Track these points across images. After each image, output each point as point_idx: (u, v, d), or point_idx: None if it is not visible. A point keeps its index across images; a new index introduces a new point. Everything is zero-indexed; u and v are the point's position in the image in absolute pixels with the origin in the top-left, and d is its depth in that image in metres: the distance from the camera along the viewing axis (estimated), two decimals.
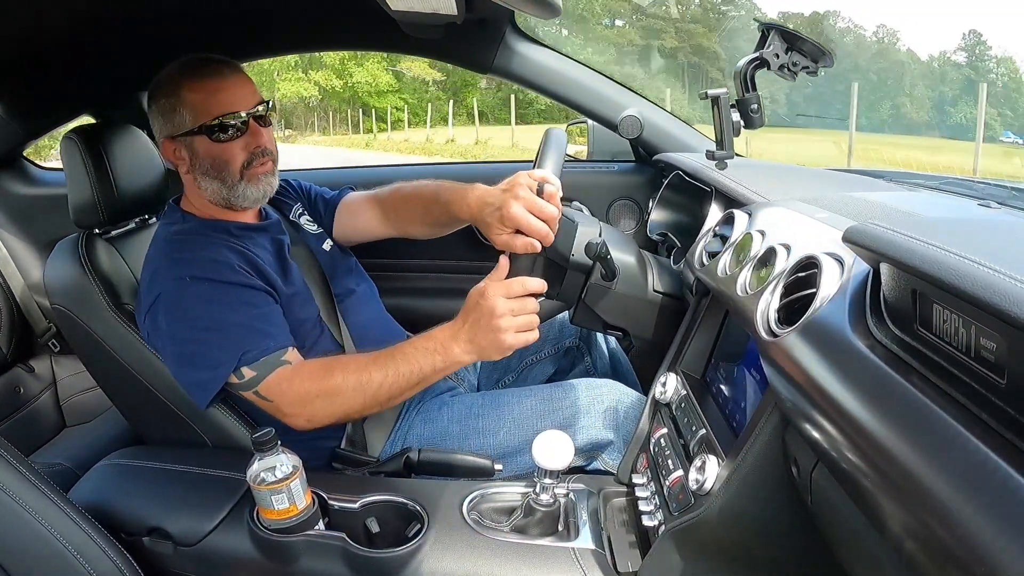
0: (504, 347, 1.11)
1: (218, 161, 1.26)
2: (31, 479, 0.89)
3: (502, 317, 1.09)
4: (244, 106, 1.26)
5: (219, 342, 1.15)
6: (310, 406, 1.15)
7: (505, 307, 1.09)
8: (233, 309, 1.18)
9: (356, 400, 1.15)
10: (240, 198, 1.29)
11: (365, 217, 1.56)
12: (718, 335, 1.16)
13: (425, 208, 1.43)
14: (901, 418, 0.56)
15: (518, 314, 1.10)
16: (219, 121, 1.24)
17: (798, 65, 1.17)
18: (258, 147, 1.28)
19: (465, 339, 1.12)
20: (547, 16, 1.11)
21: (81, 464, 1.61)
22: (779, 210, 1.08)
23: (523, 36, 1.78)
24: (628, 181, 2.03)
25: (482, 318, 1.10)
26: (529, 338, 1.12)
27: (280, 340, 1.19)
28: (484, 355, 1.13)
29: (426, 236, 1.54)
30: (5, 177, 2.04)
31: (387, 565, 0.99)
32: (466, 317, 1.13)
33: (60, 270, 1.31)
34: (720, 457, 0.91)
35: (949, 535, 0.47)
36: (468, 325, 1.12)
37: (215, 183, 1.28)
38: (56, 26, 1.36)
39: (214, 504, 1.11)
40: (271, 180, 1.32)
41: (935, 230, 0.59)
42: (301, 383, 1.15)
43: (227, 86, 1.25)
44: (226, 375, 1.15)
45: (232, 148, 1.26)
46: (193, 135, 1.25)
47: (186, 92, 1.24)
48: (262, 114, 1.29)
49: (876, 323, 0.67)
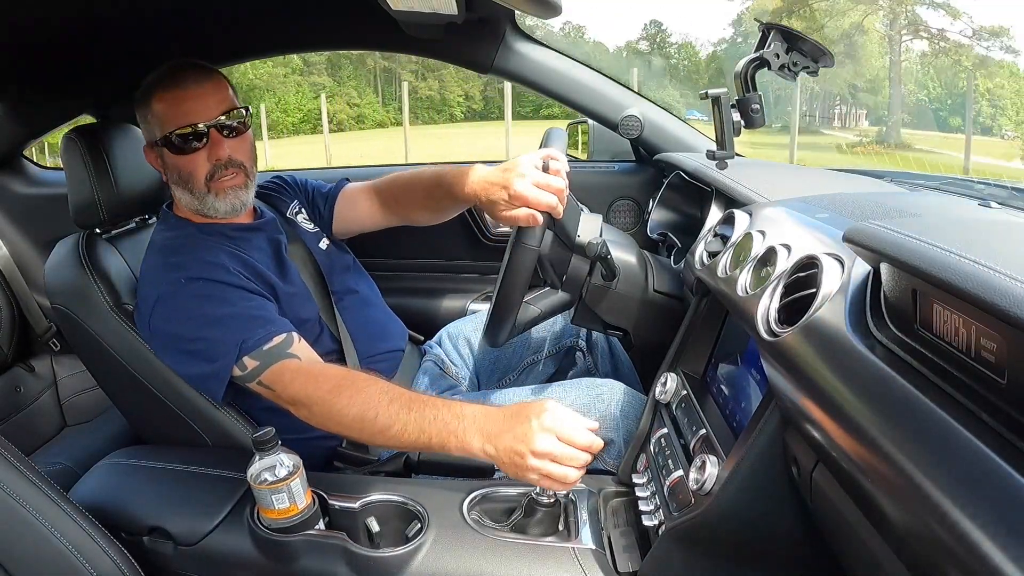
0: (521, 477, 1.00)
1: (183, 173, 1.26)
2: (31, 478, 0.89)
3: (540, 458, 0.97)
4: (205, 117, 1.24)
5: (219, 335, 1.15)
6: (305, 410, 1.13)
7: (548, 448, 0.97)
8: (230, 303, 1.18)
9: (351, 429, 1.11)
10: (210, 209, 1.29)
11: (365, 206, 1.54)
12: (718, 335, 1.16)
13: (426, 192, 1.42)
14: (901, 418, 0.56)
15: (559, 461, 0.97)
16: (178, 132, 1.23)
17: (798, 65, 1.17)
18: (218, 160, 1.26)
19: (491, 443, 1.01)
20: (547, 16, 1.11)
21: (82, 463, 1.61)
22: (779, 210, 1.08)
23: (523, 36, 1.78)
24: (628, 181, 2.03)
25: (519, 441, 0.98)
26: (553, 485, 1.00)
27: (280, 326, 1.18)
28: (499, 463, 1.02)
29: (427, 222, 1.52)
30: (5, 177, 2.05)
31: (387, 565, 0.99)
32: (506, 423, 1.01)
33: (60, 270, 1.31)
34: (720, 457, 0.91)
35: (949, 535, 0.47)
36: (502, 432, 1.00)
37: (185, 194, 1.29)
38: (56, 26, 1.36)
39: (214, 504, 1.10)
40: (240, 193, 1.30)
41: (935, 230, 0.59)
42: (305, 383, 1.13)
43: (190, 96, 1.24)
44: (231, 365, 1.15)
45: (194, 160, 1.25)
46: (159, 146, 1.26)
47: (155, 102, 1.24)
48: (228, 124, 1.27)
49: (876, 323, 0.68)
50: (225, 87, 1.28)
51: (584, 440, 0.98)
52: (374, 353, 1.40)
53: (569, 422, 0.99)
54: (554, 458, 0.97)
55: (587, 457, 0.99)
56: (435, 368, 1.50)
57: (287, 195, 1.53)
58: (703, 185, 1.51)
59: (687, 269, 1.23)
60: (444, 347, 1.62)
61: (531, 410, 1.00)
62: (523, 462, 0.98)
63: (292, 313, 1.27)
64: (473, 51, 1.78)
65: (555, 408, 1.00)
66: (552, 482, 0.98)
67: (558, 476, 0.97)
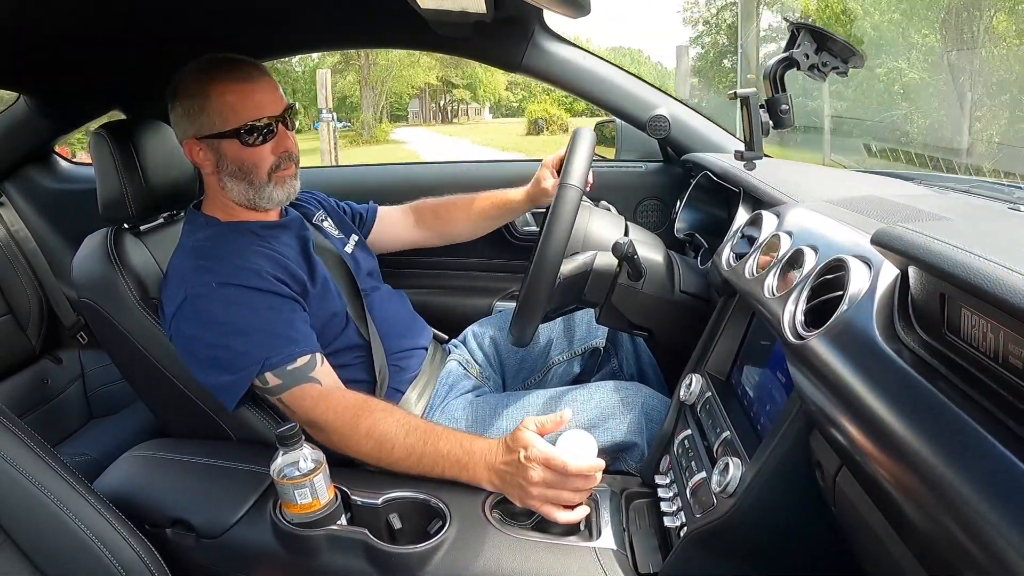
0: (527, 505, 1.06)
1: (247, 164, 1.27)
2: (56, 469, 0.90)
3: (536, 486, 1.03)
4: (274, 110, 1.26)
5: (243, 347, 1.16)
6: (322, 434, 1.16)
7: (539, 478, 1.03)
8: (258, 314, 1.18)
9: (368, 457, 1.15)
10: (266, 200, 1.31)
11: (401, 223, 1.70)
12: (744, 337, 1.15)
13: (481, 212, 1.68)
14: (927, 424, 0.55)
15: (553, 487, 1.03)
16: (251, 125, 1.24)
17: (827, 65, 1.15)
18: (285, 151, 1.29)
19: (497, 476, 1.08)
20: (576, 15, 1.11)
21: (107, 455, 1.64)
22: (807, 212, 1.07)
23: (552, 35, 1.78)
24: (656, 181, 2.03)
25: (515, 474, 1.05)
26: (558, 517, 1.04)
27: (304, 346, 1.19)
28: (507, 494, 1.08)
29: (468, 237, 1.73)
30: (36, 172, 2.09)
31: (408, 561, 1.00)
32: (505, 455, 1.07)
33: (88, 264, 1.32)
34: (743, 460, 0.90)
35: (973, 543, 0.46)
36: (503, 465, 1.07)
37: (242, 185, 1.29)
38: (85, 22, 1.38)
39: (237, 497, 1.12)
40: (294, 183, 1.34)
41: (964, 233, 0.58)
42: (325, 411, 1.16)
43: (258, 89, 1.25)
44: (250, 378, 1.16)
45: (262, 152, 1.27)
46: (222, 138, 1.25)
47: (216, 94, 1.23)
48: (289, 117, 1.30)
49: (904, 327, 0.67)
50: (275, 82, 1.31)
51: (574, 465, 1.02)
52: (398, 351, 1.41)
53: (548, 454, 1.03)
54: (548, 484, 1.03)
55: (580, 481, 1.04)
56: (459, 368, 1.51)
57: (313, 205, 1.56)
58: (731, 186, 1.50)
59: (714, 270, 1.22)
60: (469, 346, 1.62)
61: (517, 442, 1.06)
62: (523, 492, 1.05)
63: (320, 307, 1.28)
64: (502, 50, 1.78)
65: (534, 439, 1.05)
66: (555, 508, 1.04)
67: (561, 500, 1.04)
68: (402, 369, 1.41)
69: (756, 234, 1.13)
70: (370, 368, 1.34)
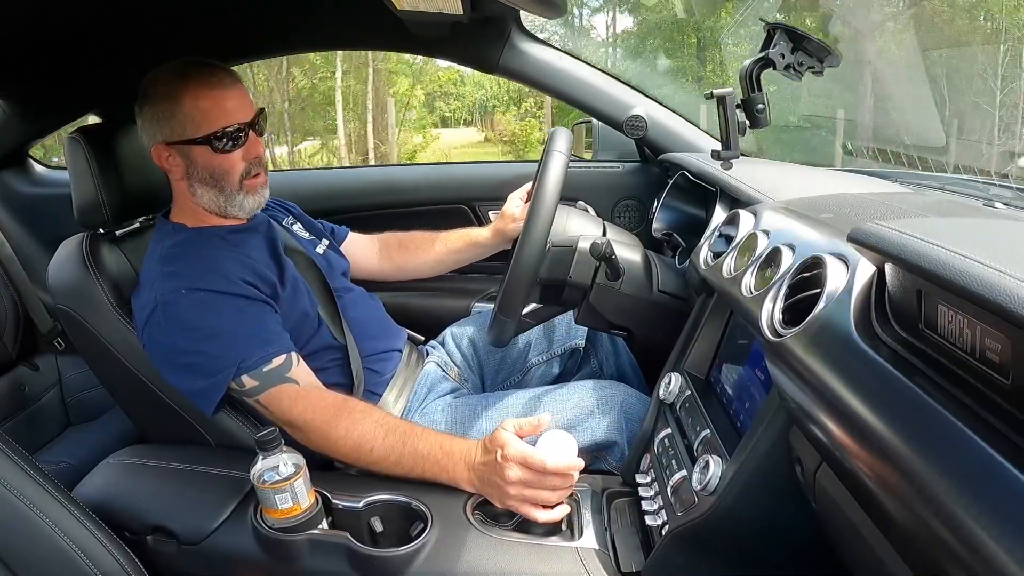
0: (506, 506, 1.06)
1: (218, 171, 1.25)
2: (35, 477, 0.89)
3: (513, 486, 1.03)
4: (244, 116, 1.25)
5: (217, 350, 1.15)
6: (301, 434, 1.16)
7: (516, 476, 1.03)
8: (230, 317, 1.17)
9: (347, 457, 1.15)
10: (237, 208, 1.29)
11: (366, 252, 1.70)
12: (722, 335, 1.16)
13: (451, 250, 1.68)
14: (905, 419, 0.56)
15: (531, 487, 1.04)
16: (222, 131, 1.22)
17: (803, 65, 1.17)
18: (256, 156, 1.28)
19: (476, 477, 1.08)
20: (552, 16, 1.12)
21: (86, 462, 1.61)
22: (784, 210, 1.08)
23: (529, 36, 1.78)
24: (633, 181, 2.03)
25: (494, 474, 1.05)
26: (537, 516, 1.05)
27: (279, 346, 1.18)
28: (486, 495, 1.08)
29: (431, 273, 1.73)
30: (10, 176, 2.05)
31: (391, 564, 0.99)
32: (483, 456, 1.08)
33: (64, 270, 1.30)
34: (724, 457, 0.90)
35: (953, 536, 0.47)
36: (481, 465, 1.07)
37: (212, 191, 1.28)
38: (60, 25, 1.35)
39: (218, 503, 1.11)
40: (264, 192, 1.33)
41: (940, 230, 0.59)
42: (303, 411, 1.15)
43: (230, 95, 1.23)
44: (226, 382, 1.15)
45: (232, 158, 1.25)
46: (193, 144, 1.23)
47: (189, 99, 1.21)
48: (259, 123, 1.28)
49: (881, 324, 0.67)
50: (245, 88, 1.29)
51: (552, 463, 1.02)
52: (373, 352, 1.40)
53: (525, 453, 1.03)
54: (526, 484, 1.03)
55: (558, 480, 1.04)
56: (438, 370, 1.50)
57: (282, 212, 1.54)
58: (708, 185, 1.50)
59: (691, 269, 1.23)
60: (447, 348, 1.62)
61: (495, 442, 1.06)
62: (501, 491, 1.05)
63: (291, 308, 1.27)
64: (479, 51, 1.78)
65: (511, 439, 1.05)
66: (534, 507, 1.04)
67: (540, 499, 1.04)
68: (378, 372, 1.40)
69: (733, 233, 1.14)
70: (347, 371, 1.33)
